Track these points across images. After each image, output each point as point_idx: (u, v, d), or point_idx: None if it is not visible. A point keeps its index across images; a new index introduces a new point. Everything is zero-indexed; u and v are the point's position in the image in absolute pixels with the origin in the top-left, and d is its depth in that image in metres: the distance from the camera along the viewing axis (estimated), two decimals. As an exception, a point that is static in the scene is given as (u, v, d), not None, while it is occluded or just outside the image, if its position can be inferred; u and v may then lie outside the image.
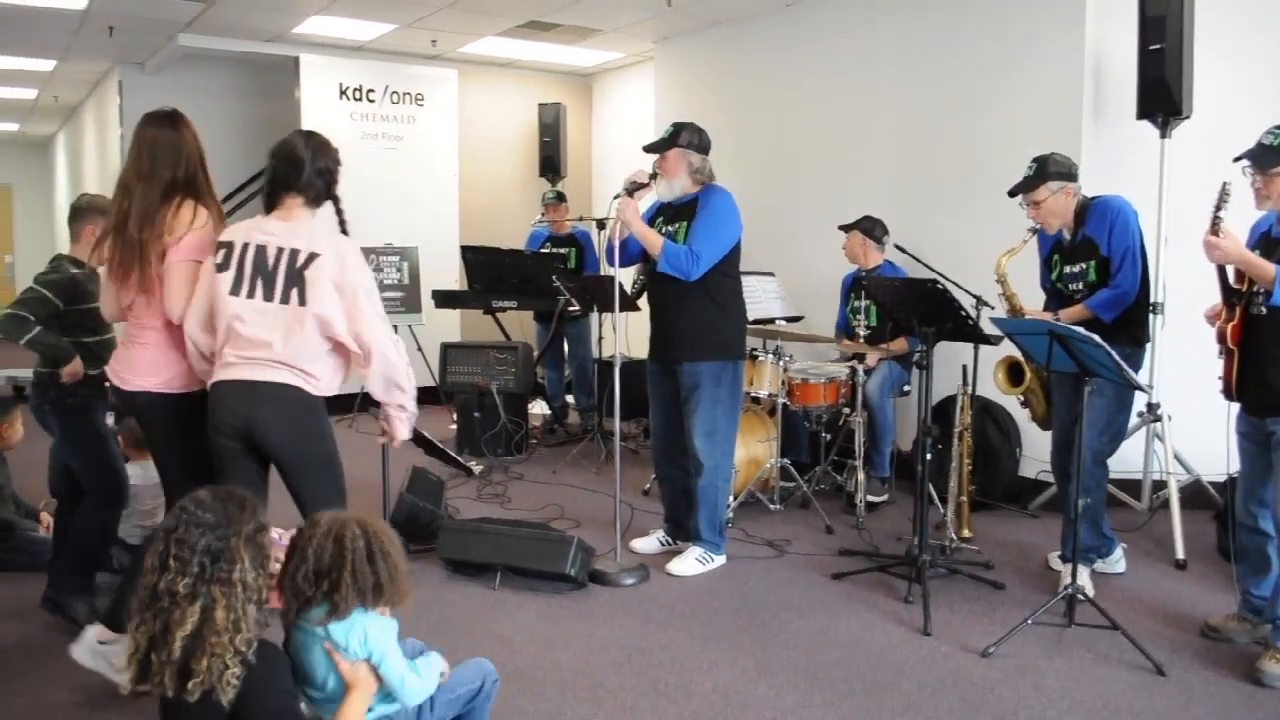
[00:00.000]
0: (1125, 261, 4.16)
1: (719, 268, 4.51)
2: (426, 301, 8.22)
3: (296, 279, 3.09)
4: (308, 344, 3.12)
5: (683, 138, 4.60)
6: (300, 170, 3.18)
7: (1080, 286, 4.31)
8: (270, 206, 3.25)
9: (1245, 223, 3.68)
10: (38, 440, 4.57)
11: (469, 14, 7.57)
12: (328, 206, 3.31)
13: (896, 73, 6.48)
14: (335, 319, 3.11)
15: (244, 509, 2.14)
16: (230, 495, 2.18)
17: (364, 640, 2.40)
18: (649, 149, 4.69)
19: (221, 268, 3.13)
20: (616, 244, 4.53)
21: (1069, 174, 4.27)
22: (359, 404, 8.31)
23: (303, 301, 3.09)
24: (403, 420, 3.39)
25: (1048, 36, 5.61)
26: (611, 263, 4.54)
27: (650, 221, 4.74)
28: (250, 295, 3.11)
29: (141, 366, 3.29)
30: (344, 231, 3.29)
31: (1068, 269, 4.36)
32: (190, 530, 2.08)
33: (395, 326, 8.81)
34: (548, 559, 4.32)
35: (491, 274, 7.39)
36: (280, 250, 3.12)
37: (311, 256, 3.10)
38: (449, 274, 8.86)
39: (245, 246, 3.14)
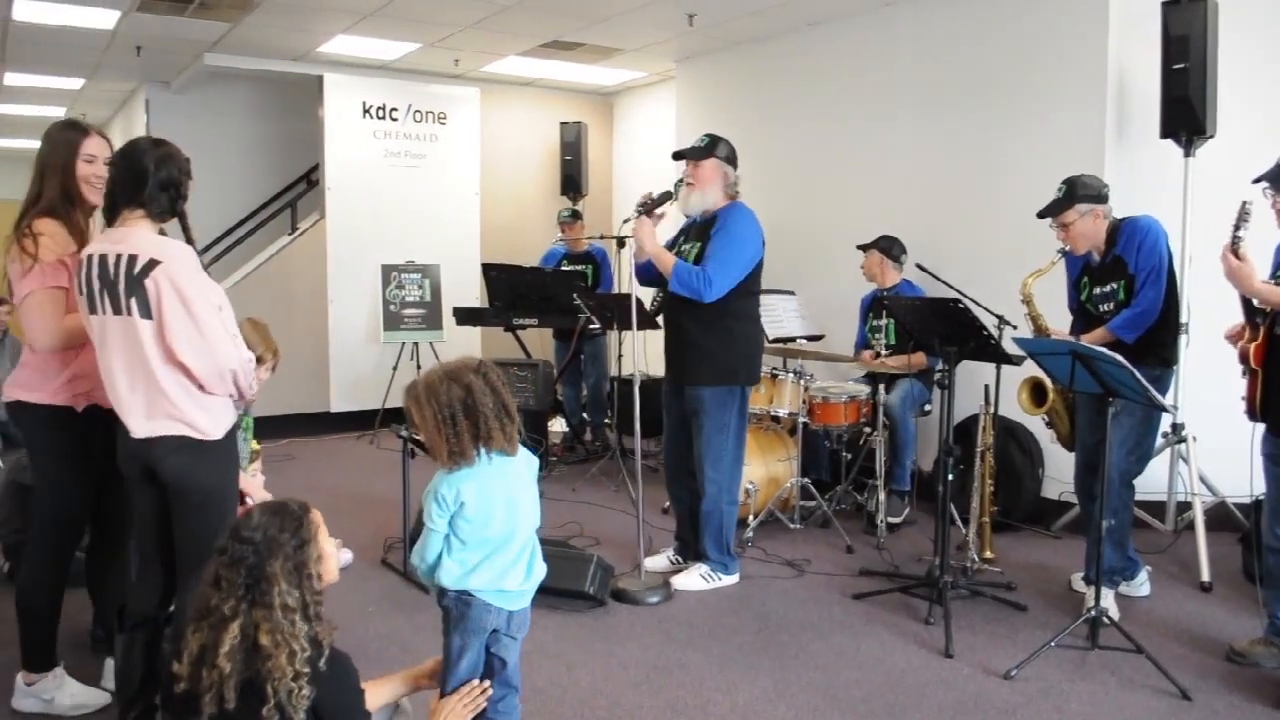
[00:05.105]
0: (1148, 281, 4.13)
1: (738, 288, 4.47)
2: (448, 319, 8.27)
3: (135, 288, 2.82)
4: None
5: (721, 149, 4.55)
6: (143, 183, 2.89)
7: (1111, 307, 4.27)
8: (110, 220, 2.97)
9: (1269, 244, 3.66)
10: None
11: (492, 33, 7.62)
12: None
13: (917, 91, 6.48)
14: (179, 336, 2.83)
15: (285, 527, 2.12)
16: (277, 510, 2.16)
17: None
18: (683, 155, 4.60)
19: (80, 290, 2.92)
20: (633, 264, 4.52)
21: (1098, 196, 4.24)
22: (380, 420, 8.36)
23: (145, 314, 2.83)
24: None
25: (1071, 55, 5.59)
26: (641, 278, 4.52)
27: (673, 242, 4.73)
28: (102, 310, 2.88)
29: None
30: (190, 243, 3.02)
31: (1098, 290, 4.33)
32: (237, 549, 2.08)
33: (416, 344, 8.93)
34: (567, 577, 4.31)
35: (512, 292, 7.42)
36: (119, 256, 2.84)
37: (152, 263, 2.82)
38: (470, 291, 8.89)
39: (91, 258, 2.89)
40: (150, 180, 2.90)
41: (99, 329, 2.91)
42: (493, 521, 2.55)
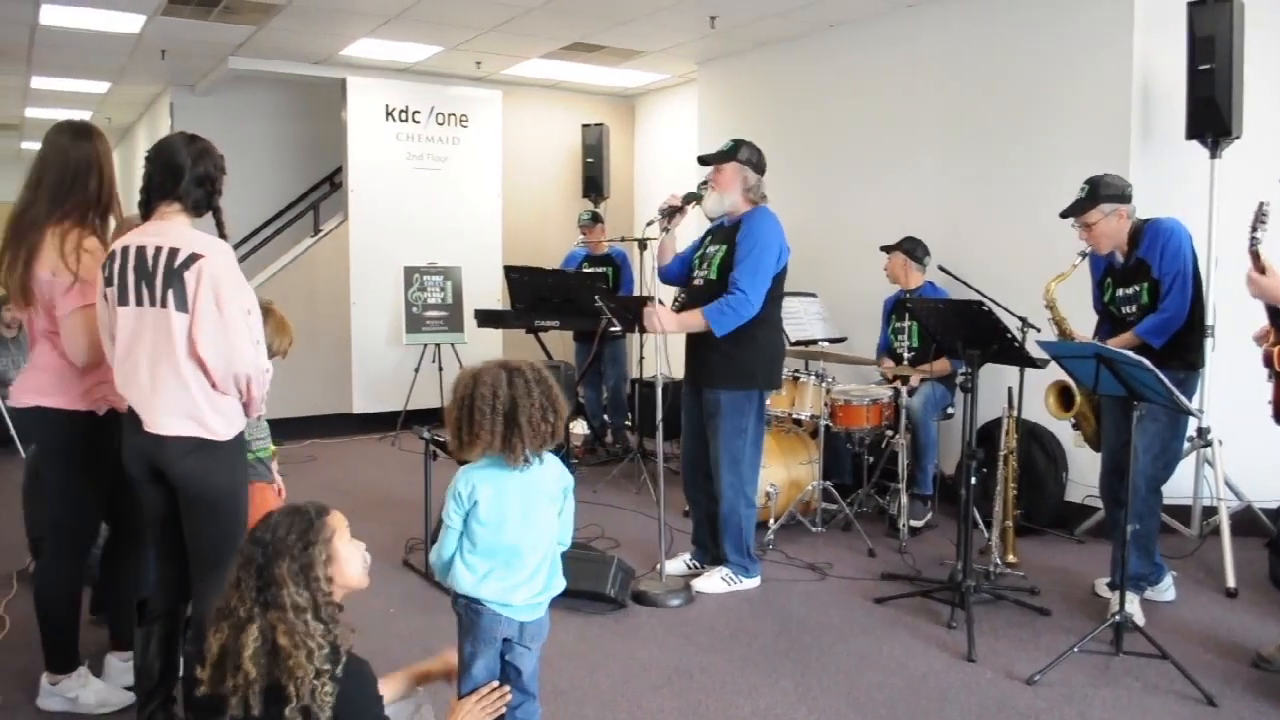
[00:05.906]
0: (1174, 285, 4.10)
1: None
2: (469, 321, 8.30)
3: (173, 280, 2.83)
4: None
5: (742, 153, 4.58)
6: (179, 177, 2.91)
7: (1134, 309, 4.25)
8: (146, 215, 2.98)
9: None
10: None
11: (514, 36, 7.64)
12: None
13: (940, 93, 6.46)
14: (203, 330, 2.84)
15: (292, 529, 2.11)
16: (291, 512, 2.16)
17: None
18: (706, 160, 4.66)
19: (108, 282, 2.90)
20: (654, 266, 4.52)
21: (1122, 196, 4.22)
22: (402, 421, 8.39)
23: (181, 307, 2.83)
24: None
25: (1095, 55, 5.55)
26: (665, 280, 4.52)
27: (699, 243, 4.75)
28: (138, 303, 2.86)
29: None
30: (223, 238, 3.05)
31: (1120, 291, 4.30)
32: (249, 550, 2.09)
33: (438, 346, 8.92)
34: (588, 579, 4.31)
35: (534, 294, 7.42)
36: (159, 249, 2.84)
37: (194, 256, 2.83)
38: (492, 293, 8.91)
39: (126, 250, 2.88)
40: (186, 175, 2.92)
41: (131, 321, 2.87)
42: (504, 530, 2.54)
